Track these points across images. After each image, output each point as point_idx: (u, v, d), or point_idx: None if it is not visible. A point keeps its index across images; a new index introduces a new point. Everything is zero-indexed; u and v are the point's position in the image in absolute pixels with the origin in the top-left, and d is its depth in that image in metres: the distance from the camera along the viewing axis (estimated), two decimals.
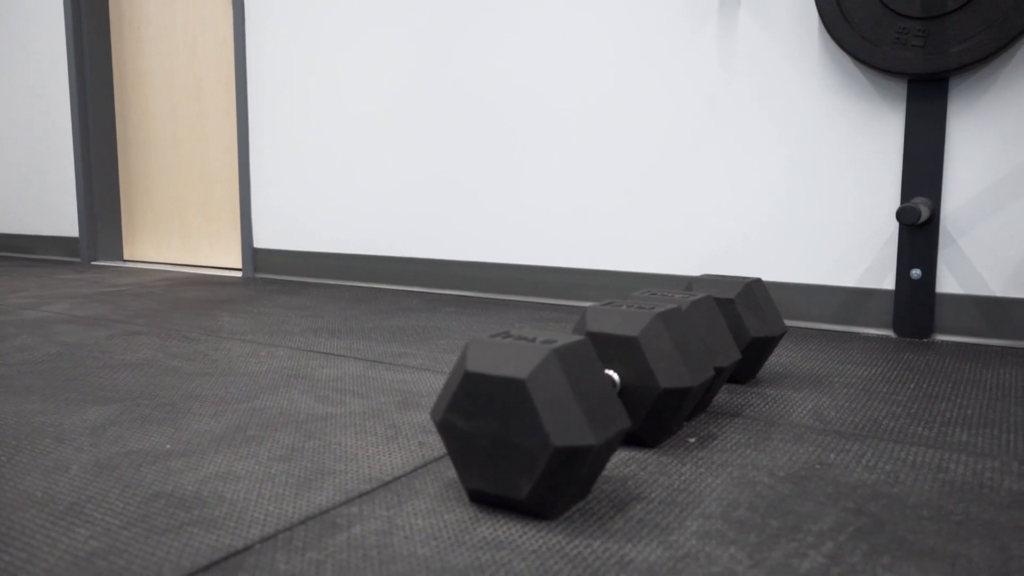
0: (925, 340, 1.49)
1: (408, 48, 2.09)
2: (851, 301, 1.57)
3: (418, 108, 2.09)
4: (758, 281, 1.18)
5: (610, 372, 0.84)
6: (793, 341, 1.49)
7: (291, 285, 2.30)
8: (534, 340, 0.71)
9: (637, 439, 0.86)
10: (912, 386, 1.15)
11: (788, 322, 1.64)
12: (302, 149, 2.33)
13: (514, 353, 0.68)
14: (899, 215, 1.31)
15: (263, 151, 2.42)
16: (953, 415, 0.99)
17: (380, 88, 2.15)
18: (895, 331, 1.52)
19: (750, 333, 1.11)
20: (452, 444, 0.70)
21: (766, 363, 1.28)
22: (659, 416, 0.84)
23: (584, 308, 1.08)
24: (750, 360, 1.14)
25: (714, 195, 1.70)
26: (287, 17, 2.31)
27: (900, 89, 1.49)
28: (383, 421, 0.96)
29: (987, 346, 1.44)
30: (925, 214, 1.39)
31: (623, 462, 0.82)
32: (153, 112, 2.85)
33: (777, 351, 1.39)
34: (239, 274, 2.59)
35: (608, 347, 0.85)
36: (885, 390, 1.12)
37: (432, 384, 1.15)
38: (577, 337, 0.72)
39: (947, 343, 1.47)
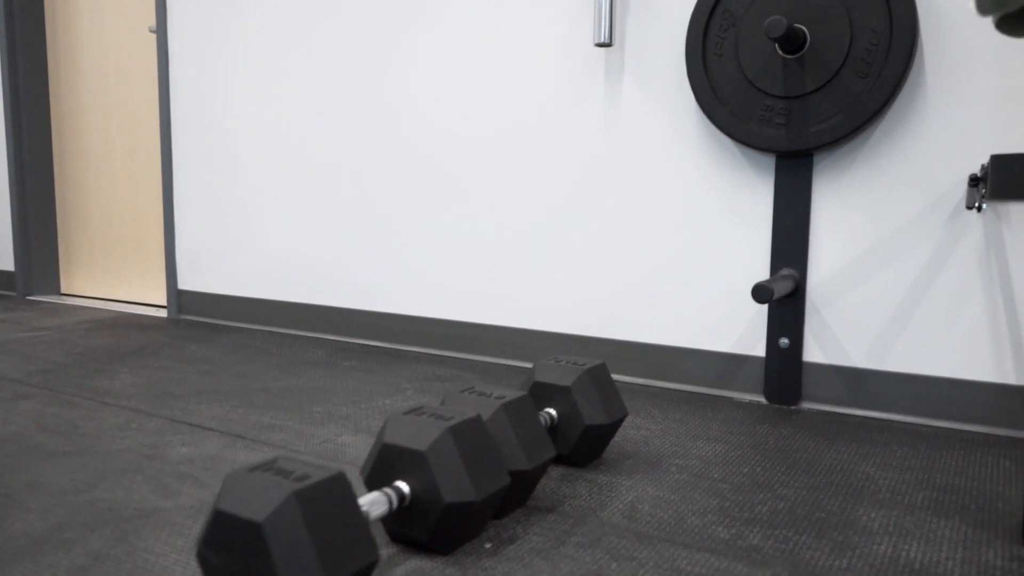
0: (792, 408, 1.53)
1: (318, 101, 2.12)
2: (725, 366, 1.61)
3: (329, 158, 2.12)
4: (600, 367, 1.21)
5: (399, 483, 0.88)
6: (665, 406, 1.52)
7: (208, 330, 2.33)
8: (291, 473, 0.74)
9: (430, 548, 0.89)
10: (746, 470, 1.19)
11: (667, 384, 1.68)
12: (222, 192, 2.36)
13: (261, 490, 0.71)
14: (753, 293, 1.34)
15: (186, 192, 2.45)
16: (763, 510, 1.03)
17: (292, 135, 2.18)
18: (766, 397, 1.56)
19: (584, 421, 1.15)
20: None
21: (621, 438, 1.32)
22: (446, 528, 0.87)
23: (386, 419, 1.12)
24: (588, 446, 1.17)
25: (599, 257, 1.73)
26: (205, 58, 2.33)
27: (769, 162, 1.53)
28: (204, 520, 0.99)
29: (848, 416, 1.48)
30: (783, 290, 1.43)
31: (411, 572, 0.85)
32: (88, 148, 2.87)
33: (642, 421, 1.43)
34: (165, 313, 2.61)
35: (400, 459, 0.88)
36: (717, 475, 1.16)
37: None
38: (331, 470, 0.75)
39: (811, 412, 1.51)
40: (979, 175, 1.31)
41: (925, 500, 1.07)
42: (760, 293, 1.35)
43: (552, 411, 1.17)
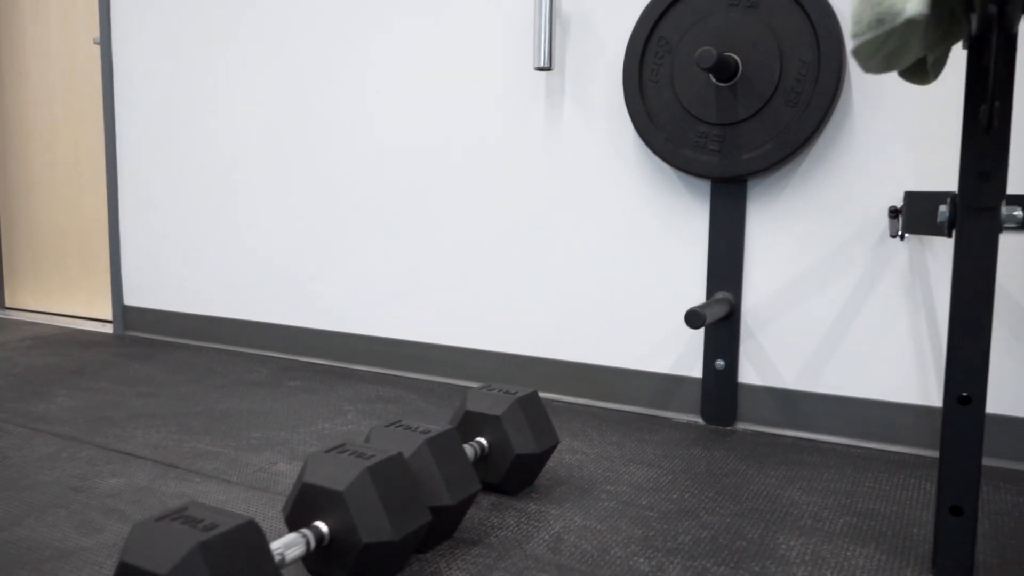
0: (728, 428, 1.56)
1: (267, 117, 2.11)
2: (664, 387, 1.63)
3: (276, 175, 2.11)
4: (531, 396, 1.22)
5: (318, 524, 0.88)
6: (603, 428, 1.54)
7: (154, 347, 2.30)
8: (200, 523, 0.74)
9: None
10: (675, 496, 1.20)
11: (608, 405, 1.69)
12: (168, 207, 2.33)
13: (166, 541, 0.71)
14: (686, 319, 1.36)
15: (132, 205, 2.42)
16: (686, 540, 1.05)
17: (239, 151, 2.17)
18: (703, 418, 1.59)
19: (514, 450, 1.16)
20: None
21: (556, 463, 1.33)
22: (365, 568, 0.88)
23: (307, 457, 1.12)
24: (518, 475, 1.18)
25: (541, 278, 1.74)
26: (151, 71, 2.31)
27: (705, 187, 1.55)
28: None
29: (781, 436, 1.51)
30: (717, 314, 1.45)
31: None
32: (33, 160, 2.82)
33: (579, 444, 1.44)
34: (111, 329, 2.57)
35: (320, 499, 0.88)
36: (645, 503, 1.18)
37: (207, 502, 1.17)
38: (241, 519, 0.75)
39: (746, 432, 1.53)
40: (898, 208, 1.35)
41: (844, 526, 1.10)
42: (693, 319, 1.37)
43: (483, 440, 1.18)
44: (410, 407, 1.68)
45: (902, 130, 1.38)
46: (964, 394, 0.94)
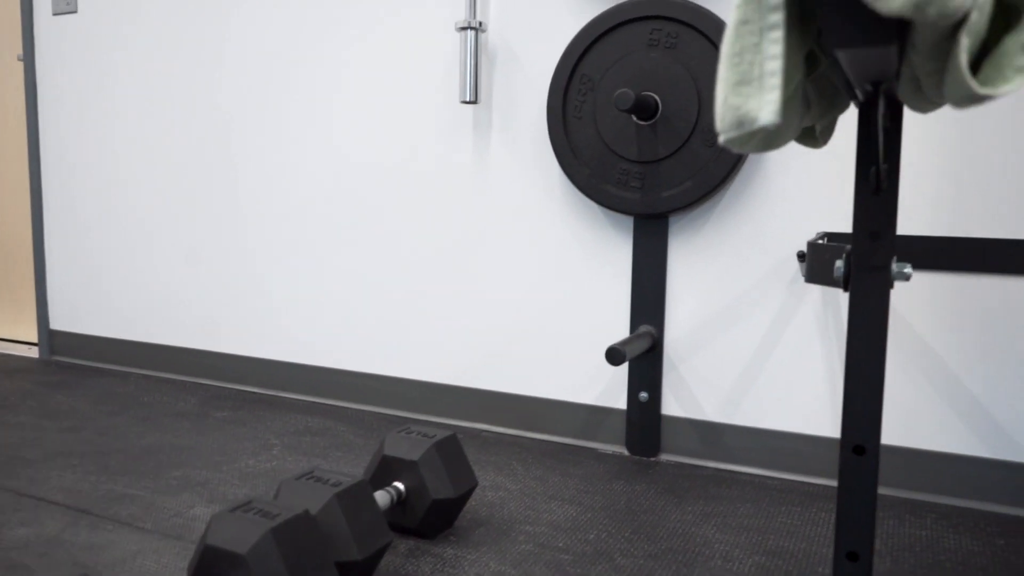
0: (652, 459, 1.58)
1: (193, 141, 2.08)
2: (590, 418, 1.65)
3: (204, 199, 2.08)
4: (450, 439, 1.23)
5: None
6: (529, 461, 1.55)
7: (80, 374, 2.25)
8: None
9: None
10: (592, 536, 1.22)
11: (536, 435, 1.71)
12: (94, 228, 2.28)
13: None
14: (607, 356, 1.38)
15: (57, 226, 2.36)
16: None
17: (166, 173, 2.13)
18: (628, 449, 1.61)
19: (431, 495, 1.16)
20: None
21: (478, 501, 1.34)
22: None
23: (211, 517, 1.11)
24: (436, 519, 1.19)
25: (470, 309, 1.75)
26: (76, 90, 2.26)
27: (628, 222, 1.57)
28: None
29: (702, 468, 1.54)
30: (639, 349, 1.47)
31: None
32: None
33: (503, 480, 1.45)
34: (37, 353, 2.50)
35: (222, 561, 0.88)
36: (562, 544, 1.19)
37: (117, 553, 1.15)
38: None
39: (669, 464, 1.56)
40: (804, 252, 1.38)
41: (754, 567, 1.13)
42: (613, 356, 1.39)
43: (400, 485, 1.18)
44: (337, 440, 1.67)
45: (815, 171, 1.42)
46: (859, 444, 0.97)
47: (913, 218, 1.36)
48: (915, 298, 1.37)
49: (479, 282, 1.74)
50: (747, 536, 1.23)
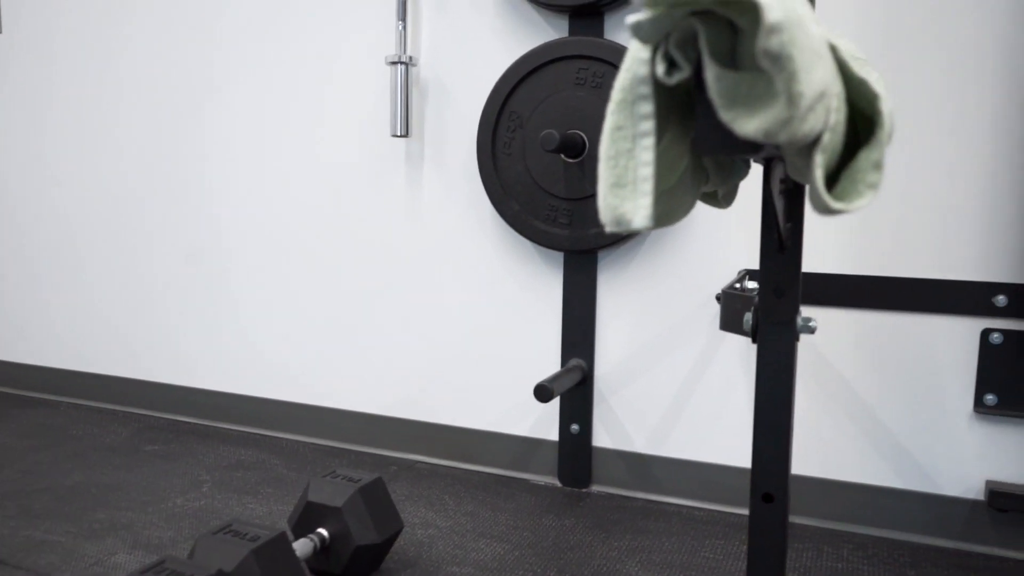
0: (583, 491, 1.60)
1: (118, 165, 2.04)
2: (523, 450, 1.66)
3: (136, 223, 2.05)
4: (375, 483, 1.23)
5: None
6: (461, 495, 1.55)
7: (10, 404, 2.19)
8: None
9: None
10: None
11: (469, 467, 1.71)
12: (16, 251, 2.23)
13: None
14: (535, 393, 1.39)
15: None
16: None
17: (95, 192, 2.09)
18: (560, 480, 1.62)
19: (355, 541, 1.16)
20: None
21: (407, 541, 1.34)
22: None
23: None
24: (360, 565, 1.19)
25: (404, 340, 1.75)
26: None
27: (559, 257, 1.59)
28: None
29: (632, 499, 1.56)
30: (568, 384, 1.49)
31: None
32: None
33: (433, 516, 1.45)
34: None
35: None
36: None
37: None
38: None
39: (600, 495, 1.58)
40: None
41: None
42: (541, 393, 1.40)
43: (324, 532, 1.18)
44: (269, 475, 1.66)
45: (739, 208, 1.45)
46: (768, 492, 1.00)
47: (833, 257, 1.39)
48: (836, 335, 1.41)
49: (413, 314, 1.74)
50: (670, 573, 1.25)
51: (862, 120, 0.51)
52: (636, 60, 0.52)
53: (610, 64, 1.44)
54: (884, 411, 1.39)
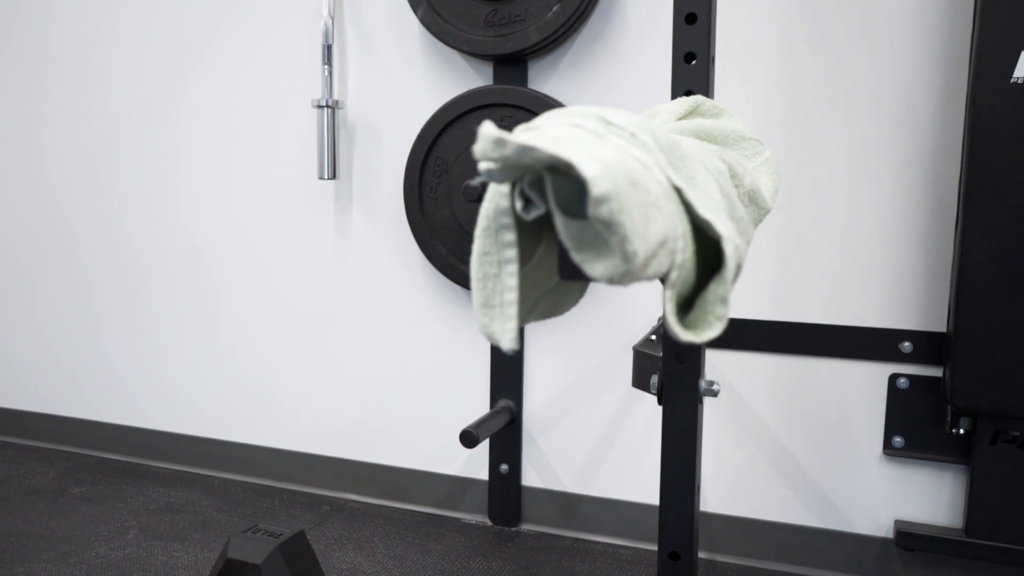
0: (513, 529, 1.62)
1: (47, 196, 2.01)
2: (454, 489, 1.67)
3: (63, 257, 2.01)
4: (296, 537, 1.23)
5: None
6: (391, 536, 1.56)
7: None
8: None
9: None
10: None
11: (401, 505, 1.72)
12: None
13: None
14: (461, 439, 1.41)
15: None
16: None
17: (26, 223, 2.05)
18: (490, 519, 1.64)
19: None
20: None
21: None
22: None
23: None
24: None
25: (335, 380, 1.75)
26: None
27: None
28: None
29: (561, 537, 1.58)
30: (495, 427, 1.51)
31: None
32: None
33: (360, 561, 1.46)
34: None
35: None
36: None
37: None
38: None
39: (529, 534, 1.60)
40: None
41: None
42: (467, 439, 1.42)
43: None
44: (198, 518, 1.64)
45: None
46: (674, 551, 1.03)
47: (748, 304, 1.43)
48: (753, 378, 1.44)
49: (344, 353, 1.74)
50: None
51: (715, 248, 0.53)
52: (497, 193, 0.53)
53: (533, 113, 1.46)
54: (799, 452, 1.43)
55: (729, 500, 1.48)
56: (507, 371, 1.59)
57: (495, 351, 1.59)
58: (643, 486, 1.53)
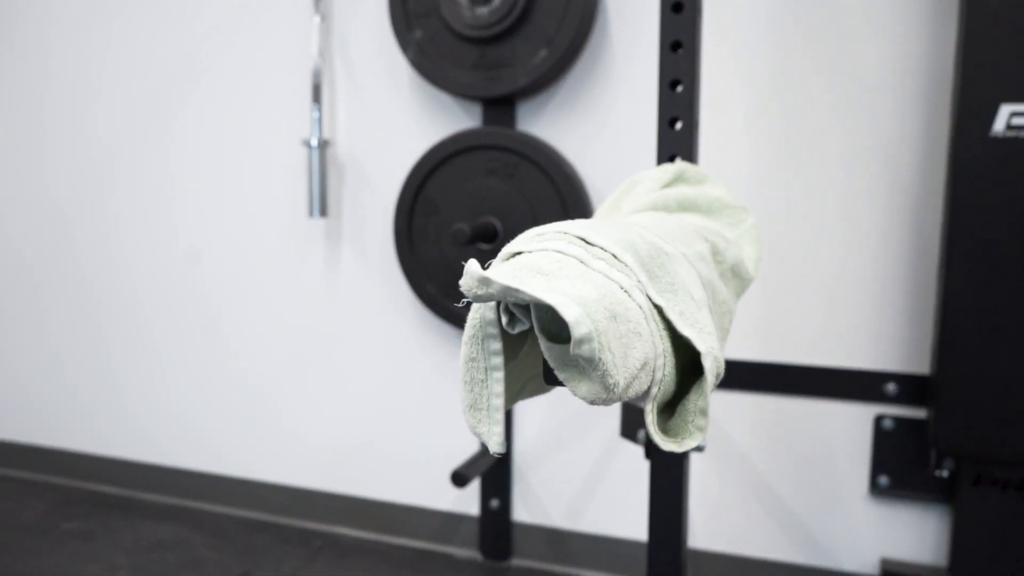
0: (504, 564, 1.63)
1: (41, 227, 2.01)
2: (445, 523, 1.68)
3: (47, 287, 2.01)
4: None
5: None
6: (382, 571, 1.57)
7: None
8: None
9: None
10: None
11: (394, 540, 1.73)
12: None
13: None
14: (452, 480, 1.42)
15: None
16: None
17: (10, 254, 2.05)
18: (481, 553, 1.65)
19: None
20: None
21: None
22: None
23: None
24: None
25: (327, 415, 1.76)
26: None
27: None
28: None
29: (551, 572, 1.60)
30: (485, 466, 1.52)
31: None
32: None
33: None
34: None
35: None
36: None
37: None
38: None
39: (520, 568, 1.61)
40: None
41: None
42: (457, 480, 1.43)
43: None
44: (189, 556, 1.65)
45: None
46: None
47: (736, 345, 1.45)
48: (740, 417, 1.46)
49: (335, 388, 1.75)
50: None
51: (696, 352, 0.54)
52: (485, 305, 0.54)
53: (521, 155, 1.47)
54: (786, 490, 1.45)
55: (717, 537, 1.50)
56: None
57: None
58: (633, 522, 1.55)
